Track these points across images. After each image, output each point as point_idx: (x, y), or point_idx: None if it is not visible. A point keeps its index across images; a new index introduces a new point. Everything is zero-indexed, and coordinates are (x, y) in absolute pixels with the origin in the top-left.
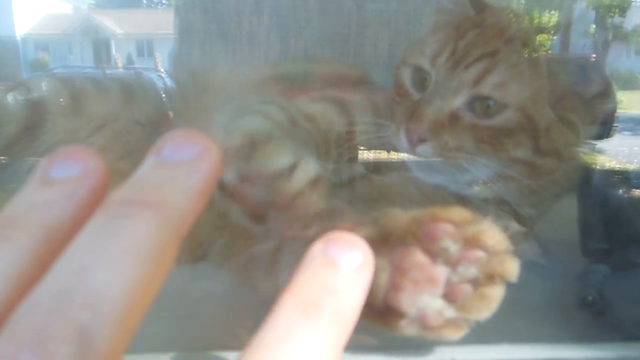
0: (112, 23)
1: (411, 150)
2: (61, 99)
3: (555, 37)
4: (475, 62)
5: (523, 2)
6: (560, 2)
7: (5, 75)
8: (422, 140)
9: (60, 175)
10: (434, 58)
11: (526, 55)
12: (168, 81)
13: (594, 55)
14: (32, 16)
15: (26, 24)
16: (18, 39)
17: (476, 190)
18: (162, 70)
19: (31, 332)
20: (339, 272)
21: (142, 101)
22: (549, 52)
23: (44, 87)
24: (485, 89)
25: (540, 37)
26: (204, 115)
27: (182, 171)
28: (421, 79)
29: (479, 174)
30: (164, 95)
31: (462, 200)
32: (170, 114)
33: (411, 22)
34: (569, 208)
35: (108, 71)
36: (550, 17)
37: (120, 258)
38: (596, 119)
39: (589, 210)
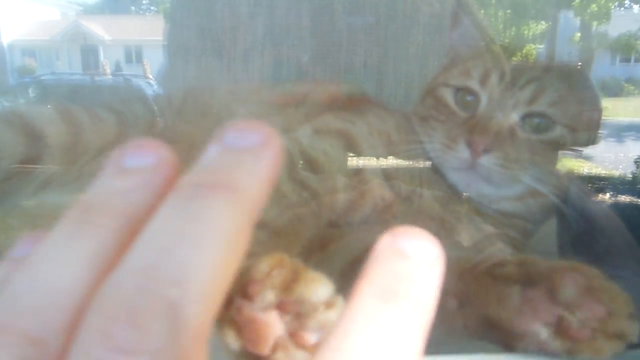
0: (100, 29)
1: (473, 161)
2: (60, 133)
3: (541, 46)
4: (529, 84)
5: (509, 12)
6: (545, 11)
7: None
8: (487, 151)
9: (135, 165)
10: (483, 80)
11: (563, 80)
12: (156, 88)
13: (580, 64)
14: (19, 22)
15: (13, 31)
16: (4, 45)
17: (509, 205)
18: (151, 76)
19: (122, 307)
20: (412, 261)
21: (134, 127)
22: (535, 60)
23: (45, 118)
24: (540, 106)
25: (526, 47)
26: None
27: (248, 156)
28: (464, 99)
29: (527, 185)
30: (152, 102)
31: (494, 215)
32: (160, 120)
33: (400, 40)
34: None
35: (96, 78)
36: (536, 27)
37: (201, 237)
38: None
39: (566, 223)
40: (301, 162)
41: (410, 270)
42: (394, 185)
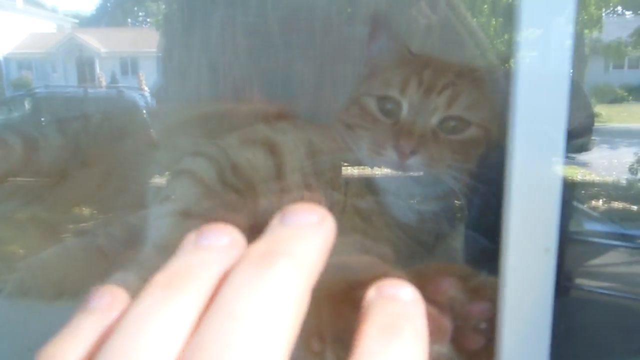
0: (95, 42)
1: (401, 163)
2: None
3: (534, 53)
4: (444, 90)
5: (501, 20)
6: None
7: None
8: (413, 153)
9: (211, 243)
10: (403, 89)
11: (475, 84)
12: (150, 100)
13: (571, 70)
14: (16, 35)
15: (9, 44)
16: (1, 58)
17: (435, 204)
18: (147, 88)
19: None
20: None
21: (45, 151)
22: None
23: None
24: (456, 110)
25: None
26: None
27: (306, 231)
28: (386, 107)
29: (452, 184)
30: (145, 113)
31: (424, 216)
32: (152, 132)
33: (336, 58)
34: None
35: (90, 90)
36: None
37: (269, 302)
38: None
39: (471, 220)
40: (228, 169)
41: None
42: (314, 196)
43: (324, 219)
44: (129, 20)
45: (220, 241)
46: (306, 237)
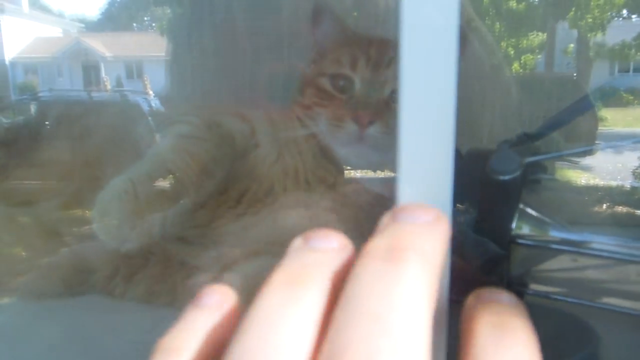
0: (101, 46)
1: (361, 133)
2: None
3: (539, 57)
4: (391, 64)
5: (505, 24)
6: (543, 23)
7: None
8: (371, 123)
9: (321, 246)
10: (353, 65)
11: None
12: (154, 103)
13: (575, 74)
14: (22, 40)
15: (15, 48)
16: (7, 62)
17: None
18: (151, 92)
19: None
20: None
21: None
22: (533, 70)
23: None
24: None
25: (525, 58)
26: None
27: (426, 228)
28: (338, 84)
29: None
30: (149, 117)
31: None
32: (157, 136)
33: (303, 56)
34: None
35: (94, 94)
36: (534, 38)
37: (408, 300)
38: None
39: None
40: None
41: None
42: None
43: (439, 219)
44: (134, 24)
45: (330, 244)
46: (427, 234)
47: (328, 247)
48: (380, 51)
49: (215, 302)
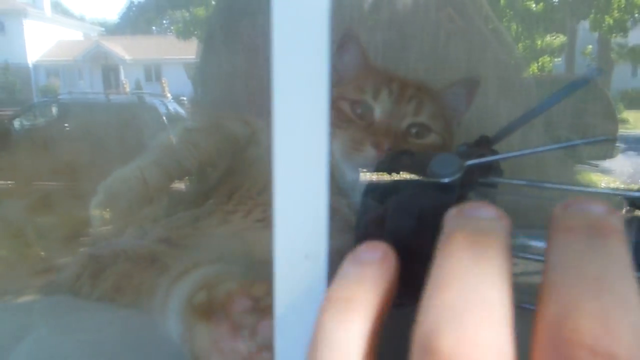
0: (120, 49)
1: (377, 158)
2: None
3: (559, 59)
4: (412, 99)
5: (522, 25)
6: (562, 24)
7: (17, 100)
8: (389, 149)
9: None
10: (375, 95)
11: (432, 99)
12: (171, 106)
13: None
14: (44, 43)
15: (38, 52)
16: (30, 65)
17: None
18: (169, 95)
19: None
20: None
21: None
22: (551, 72)
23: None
24: (422, 118)
25: (542, 59)
26: None
27: (611, 214)
28: (356, 110)
29: None
30: (165, 119)
31: None
32: (172, 137)
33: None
34: None
35: (111, 97)
36: (553, 40)
37: (618, 265)
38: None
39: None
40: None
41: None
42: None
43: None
44: (154, 28)
45: (487, 214)
46: (617, 217)
47: (487, 217)
48: (401, 87)
49: (376, 257)
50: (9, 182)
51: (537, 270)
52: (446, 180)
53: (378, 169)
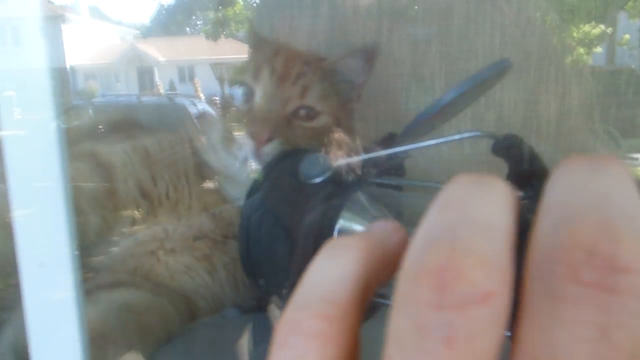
0: (154, 51)
1: (257, 151)
2: None
3: (598, 49)
4: (297, 80)
5: (555, 15)
6: (602, 13)
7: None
8: (269, 140)
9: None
10: (255, 75)
11: (323, 74)
12: (200, 106)
13: (633, 67)
14: (82, 47)
15: (76, 55)
16: (68, 69)
17: None
18: (202, 95)
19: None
20: None
21: None
22: (588, 65)
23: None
24: (309, 100)
25: (578, 50)
26: None
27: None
28: (245, 93)
29: None
30: (196, 120)
31: None
32: (202, 138)
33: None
34: None
35: (144, 98)
36: (591, 30)
37: (623, 184)
38: None
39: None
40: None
41: None
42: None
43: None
44: (187, 29)
45: (386, 227)
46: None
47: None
48: (287, 64)
49: (389, 229)
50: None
51: None
52: (316, 180)
53: (262, 172)
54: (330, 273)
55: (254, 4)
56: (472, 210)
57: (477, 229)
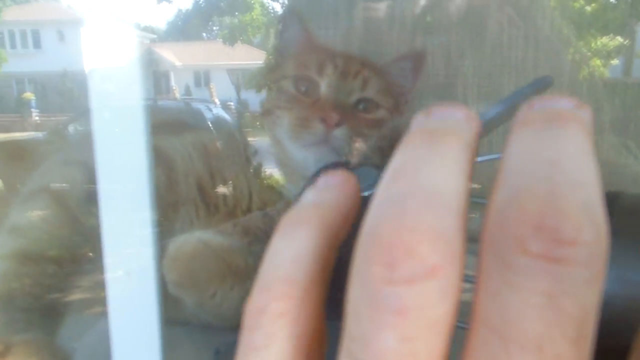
0: (171, 55)
1: (327, 134)
2: None
3: (615, 61)
4: (358, 75)
5: (572, 26)
6: (620, 25)
7: (74, 106)
8: (338, 124)
9: (448, 115)
10: (319, 70)
11: (378, 74)
12: (215, 111)
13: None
14: (100, 51)
15: (94, 59)
16: (86, 72)
17: None
18: (217, 100)
19: (538, 211)
20: None
21: None
22: (603, 77)
23: None
24: (369, 93)
25: (594, 62)
26: None
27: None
28: (301, 88)
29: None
30: (211, 125)
31: None
32: (218, 143)
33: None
34: None
35: (160, 102)
36: (609, 41)
37: (576, 149)
38: None
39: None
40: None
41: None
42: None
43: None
44: (204, 34)
45: (457, 115)
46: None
47: (452, 117)
48: (346, 62)
49: (337, 182)
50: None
51: None
52: (365, 193)
53: (312, 180)
54: (285, 254)
55: (271, 11)
56: (422, 178)
57: (426, 200)
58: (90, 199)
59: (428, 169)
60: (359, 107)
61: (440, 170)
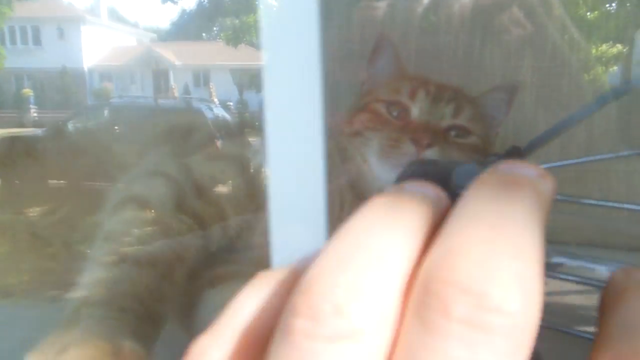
0: (171, 54)
1: (418, 154)
2: None
3: (614, 68)
4: (450, 101)
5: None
6: (620, 32)
7: (73, 104)
8: (429, 146)
9: (414, 189)
10: (412, 96)
11: (470, 102)
12: (217, 111)
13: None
14: (100, 49)
15: (94, 56)
16: (85, 70)
17: None
18: (216, 100)
19: (468, 287)
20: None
21: None
22: (602, 84)
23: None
24: (461, 120)
25: (595, 70)
26: None
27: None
28: (394, 112)
29: None
30: (211, 123)
31: None
32: (218, 142)
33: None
34: None
35: (160, 101)
36: (607, 49)
37: (521, 216)
38: None
39: None
40: (190, 188)
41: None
42: None
43: (544, 176)
44: (204, 34)
45: (424, 190)
46: (540, 180)
47: (422, 191)
48: (439, 89)
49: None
50: (62, 181)
51: (571, 290)
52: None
53: (400, 178)
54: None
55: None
56: (370, 241)
57: (368, 263)
58: (181, 207)
59: (380, 232)
60: (450, 132)
61: (392, 233)
